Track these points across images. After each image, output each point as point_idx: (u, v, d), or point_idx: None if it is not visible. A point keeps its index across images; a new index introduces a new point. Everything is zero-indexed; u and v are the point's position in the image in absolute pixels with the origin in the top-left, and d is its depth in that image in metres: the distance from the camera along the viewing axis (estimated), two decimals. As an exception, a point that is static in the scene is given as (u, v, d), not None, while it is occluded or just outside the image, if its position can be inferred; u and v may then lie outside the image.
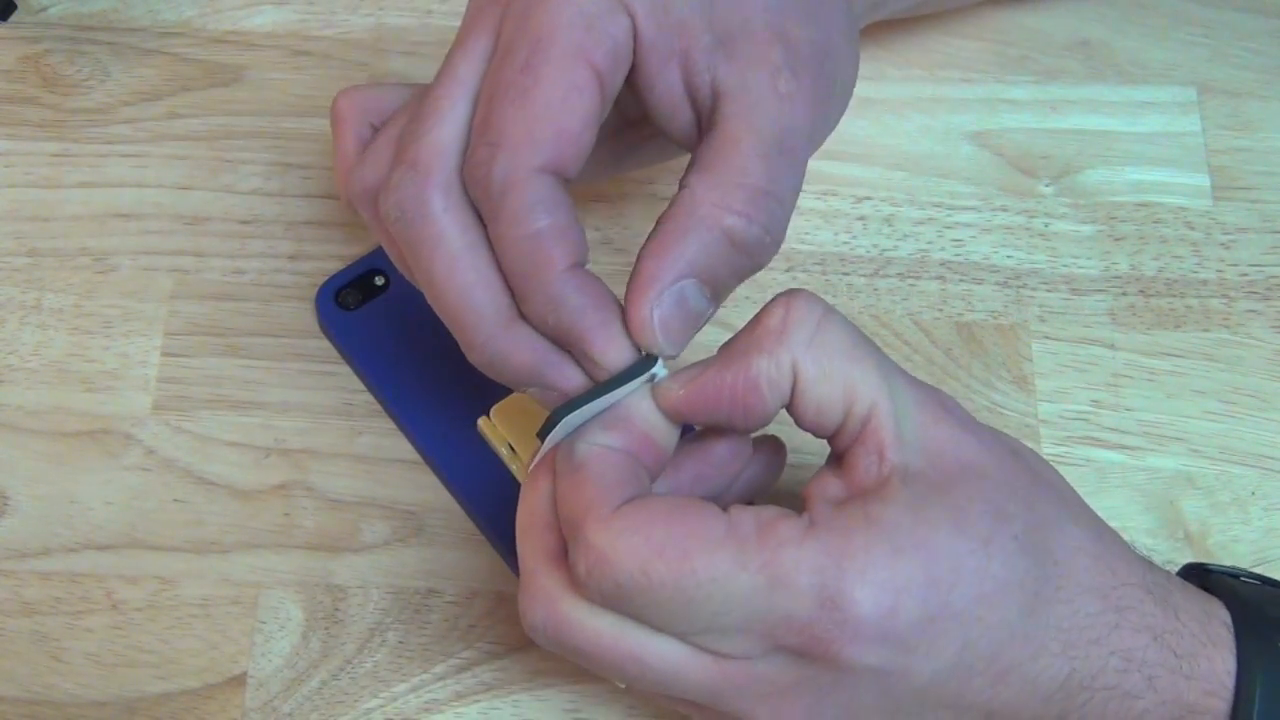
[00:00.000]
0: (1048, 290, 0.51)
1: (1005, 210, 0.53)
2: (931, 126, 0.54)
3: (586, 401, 0.36)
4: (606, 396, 0.36)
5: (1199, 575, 0.40)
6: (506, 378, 0.37)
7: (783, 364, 0.35)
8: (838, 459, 0.36)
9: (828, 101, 0.39)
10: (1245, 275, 0.52)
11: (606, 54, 0.36)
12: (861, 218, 0.52)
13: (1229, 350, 0.50)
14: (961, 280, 0.51)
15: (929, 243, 0.52)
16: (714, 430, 0.37)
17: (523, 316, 0.36)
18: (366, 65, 0.54)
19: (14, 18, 0.54)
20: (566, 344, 0.36)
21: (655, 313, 0.35)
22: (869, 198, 0.53)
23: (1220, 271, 0.52)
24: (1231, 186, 0.53)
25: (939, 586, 0.33)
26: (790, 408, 0.36)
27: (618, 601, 0.33)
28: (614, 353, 0.35)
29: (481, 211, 0.36)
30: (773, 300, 0.36)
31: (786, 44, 0.37)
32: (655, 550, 0.33)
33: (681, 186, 0.36)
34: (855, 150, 0.53)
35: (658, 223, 0.36)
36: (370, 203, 0.38)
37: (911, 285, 0.51)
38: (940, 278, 0.51)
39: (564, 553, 0.35)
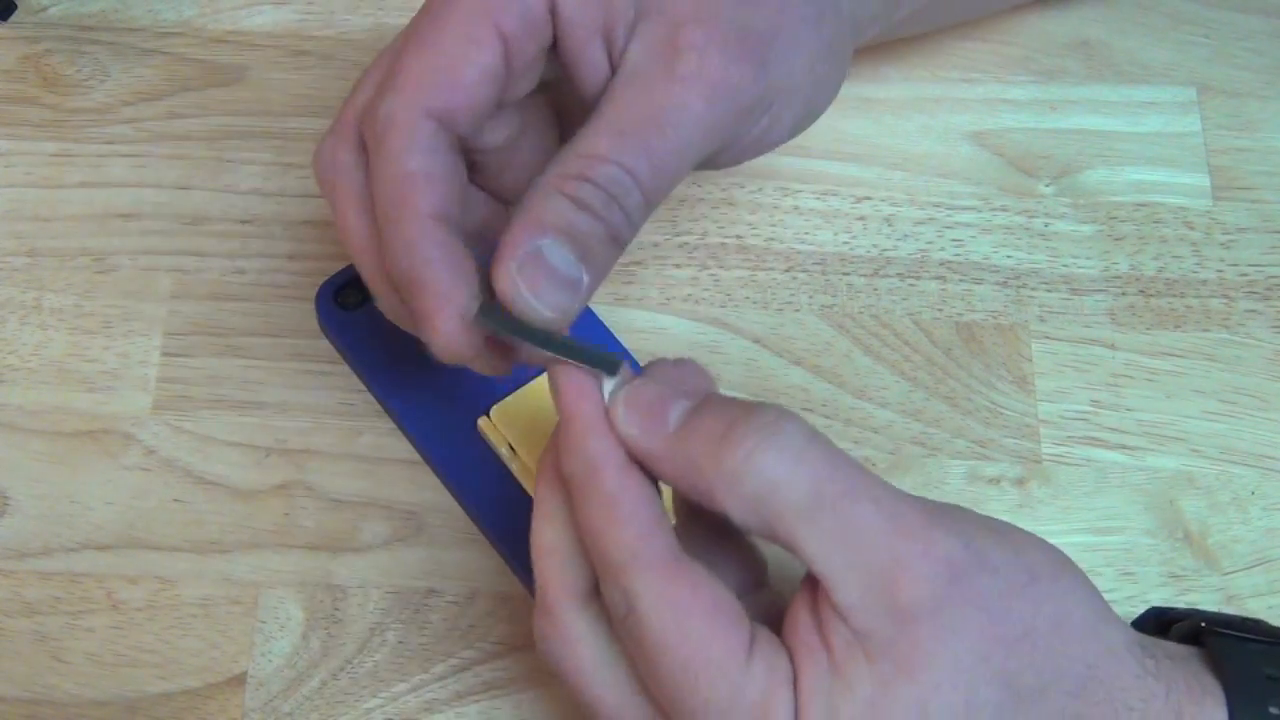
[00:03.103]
0: (1048, 290, 0.51)
1: (1005, 210, 0.53)
2: (931, 126, 0.54)
3: (544, 345, 0.35)
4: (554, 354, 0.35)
5: (1197, 628, 0.38)
6: (407, 329, 0.38)
7: (715, 500, 0.33)
8: (810, 584, 0.34)
9: (749, 93, 0.37)
10: (1245, 275, 0.52)
11: (514, 18, 0.36)
12: (861, 218, 0.52)
13: (1229, 350, 0.50)
14: (961, 280, 0.51)
15: (929, 243, 0.52)
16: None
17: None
18: (366, 65, 0.54)
19: (14, 18, 0.54)
20: (408, 297, 0.35)
21: (514, 266, 0.34)
22: (869, 198, 0.53)
23: (1220, 271, 0.52)
24: (1231, 186, 0.53)
25: None
26: None
27: (633, 647, 0.34)
28: (447, 315, 0.35)
29: (369, 152, 0.36)
30: (752, 421, 0.33)
31: (711, 24, 0.36)
32: (683, 633, 0.32)
33: None
34: (855, 150, 0.53)
35: None
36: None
37: (911, 285, 0.51)
38: (940, 278, 0.51)
39: (592, 589, 0.34)
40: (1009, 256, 0.52)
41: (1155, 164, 0.54)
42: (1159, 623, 0.41)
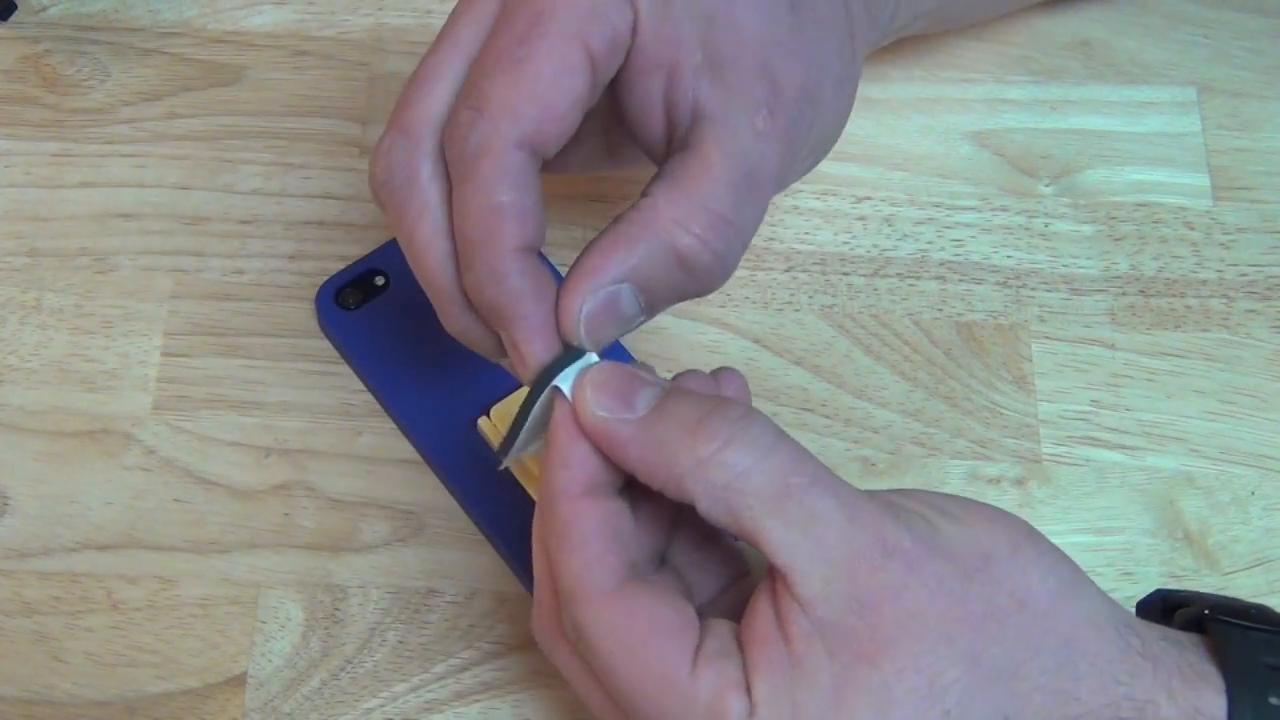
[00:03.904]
0: (1048, 290, 0.51)
1: (1005, 210, 0.53)
2: (931, 126, 0.54)
3: (531, 406, 0.36)
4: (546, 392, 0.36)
5: (1201, 614, 0.38)
6: (476, 349, 0.38)
7: (683, 488, 0.34)
8: (771, 578, 0.34)
9: (800, 148, 0.38)
10: (1245, 275, 0.52)
11: (604, 41, 0.36)
12: (861, 218, 0.52)
13: (1229, 350, 0.50)
14: (961, 280, 0.51)
15: (929, 243, 0.52)
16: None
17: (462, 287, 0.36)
18: (366, 65, 0.54)
19: (14, 18, 0.54)
20: (495, 323, 0.36)
21: (584, 306, 0.35)
22: (869, 198, 0.53)
23: (1220, 271, 0.52)
24: (1231, 186, 0.53)
25: None
26: None
27: (594, 669, 0.35)
28: (539, 346, 0.35)
29: (452, 174, 0.36)
30: (726, 413, 0.34)
31: (772, 82, 0.37)
32: (626, 656, 0.34)
33: (644, 194, 0.36)
34: (855, 150, 0.53)
35: (613, 221, 0.36)
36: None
37: (911, 285, 0.51)
38: (940, 278, 0.51)
39: None
40: (1009, 256, 0.52)
41: (1155, 164, 0.54)
42: (1165, 604, 0.41)
